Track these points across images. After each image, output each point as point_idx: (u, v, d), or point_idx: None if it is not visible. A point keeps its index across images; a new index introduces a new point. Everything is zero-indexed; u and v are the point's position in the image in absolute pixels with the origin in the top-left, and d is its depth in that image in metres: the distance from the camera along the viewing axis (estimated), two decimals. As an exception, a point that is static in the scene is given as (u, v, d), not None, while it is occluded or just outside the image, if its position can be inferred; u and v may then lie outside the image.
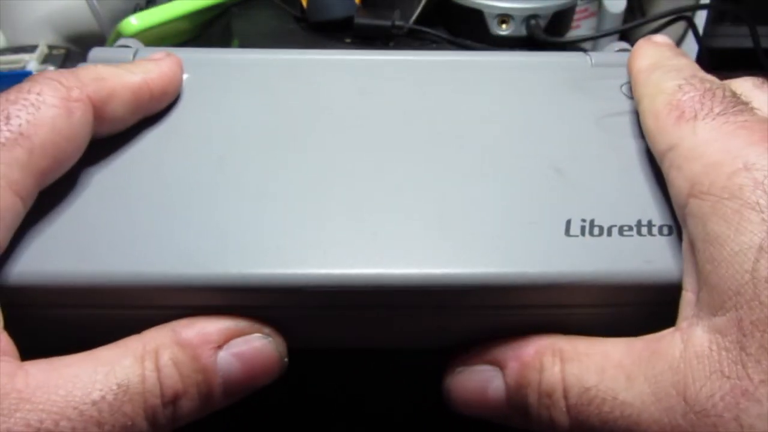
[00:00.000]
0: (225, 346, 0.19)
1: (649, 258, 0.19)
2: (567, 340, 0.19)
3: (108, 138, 0.23)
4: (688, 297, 0.18)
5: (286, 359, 0.20)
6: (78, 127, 0.20)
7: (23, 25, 0.46)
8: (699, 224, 0.17)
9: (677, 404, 0.16)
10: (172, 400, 0.18)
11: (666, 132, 0.20)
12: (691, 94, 0.20)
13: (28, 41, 0.46)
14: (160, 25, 0.40)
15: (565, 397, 0.18)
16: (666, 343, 0.17)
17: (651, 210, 0.21)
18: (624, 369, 0.17)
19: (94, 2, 0.43)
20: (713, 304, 0.16)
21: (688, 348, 0.17)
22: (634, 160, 0.21)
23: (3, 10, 0.46)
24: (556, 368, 0.19)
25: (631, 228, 0.20)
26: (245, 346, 0.19)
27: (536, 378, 0.19)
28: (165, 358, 0.18)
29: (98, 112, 0.21)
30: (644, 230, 0.20)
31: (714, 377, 0.16)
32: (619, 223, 0.20)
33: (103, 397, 0.17)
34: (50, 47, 0.45)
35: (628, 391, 0.17)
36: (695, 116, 0.19)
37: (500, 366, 0.20)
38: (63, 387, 0.16)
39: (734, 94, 0.20)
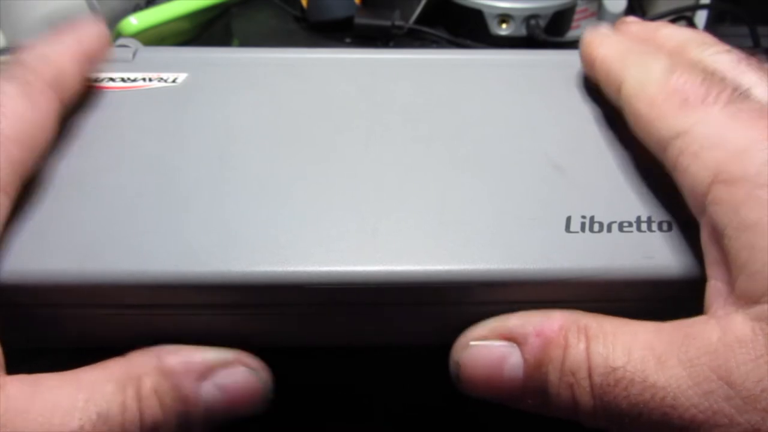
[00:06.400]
0: (210, 377, 0.19)
1: (649, 254, 0.19)
2: (592, 318, 0.18)
3: (110, 137, 0.23)
4: (717, 287, 0.17)
5: (271, 394, 0.20)
6: (45, 114, 0.20)
7: (23, 25, 0.45)
8: (729, 211, 0.17)
9: (719, 388, 0.15)
10: (150, 430, 0.18)
11: (669, 118, 0.19)
12: (688, 78, 0.19)
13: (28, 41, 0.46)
14: (160, 25, 0.40)
15: (590, 377, 0.17)
16: (700, 327, 0.17)
17: (650, 206, 0.21)
18: (654, 351, 0.17)
19: (94, 2, 0.43)
20: (754, 292, 0.16)
21: (727, 334, 0.16)
22: (633, 156, 0.21)
23: (3, 10, 0.46)
24: (582, 345, 0.18)
25: (630, 224, 0.20)
26: (229, 379, 0.19)
27: (559, 355, 0.18)
28: (147, 386, 0.18)
29: (57, 94, 0.21)
30: (644, 226, 0.20)
31: (761, 361, 0.15)
32: (618, 220, 0.20)
33: (81, 427, 0.16)
34: (50, 47, 0.45)
35: (660, 374, 0.16)
36: (703, 102, 0.18)
37: (518, 342, 0.19)
38: (42, 414, 0.16)
39: (731, 79, 0.19)
